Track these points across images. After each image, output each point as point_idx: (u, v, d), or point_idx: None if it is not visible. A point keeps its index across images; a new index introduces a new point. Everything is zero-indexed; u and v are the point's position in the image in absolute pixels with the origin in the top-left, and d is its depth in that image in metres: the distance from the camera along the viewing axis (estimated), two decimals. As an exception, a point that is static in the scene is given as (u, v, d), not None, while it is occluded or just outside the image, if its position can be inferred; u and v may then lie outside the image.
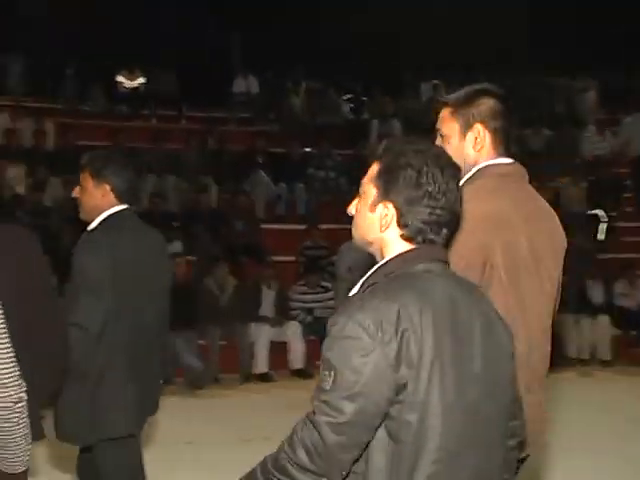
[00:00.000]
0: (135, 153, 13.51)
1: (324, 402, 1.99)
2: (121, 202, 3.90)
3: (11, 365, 2.62)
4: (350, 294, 2.15)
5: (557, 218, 2.81)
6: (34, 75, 14.90)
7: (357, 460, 2.02)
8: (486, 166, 2.71)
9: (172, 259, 4.19)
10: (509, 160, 2.77)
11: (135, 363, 3.75)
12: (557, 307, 2.87)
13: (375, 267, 2.16)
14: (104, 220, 3.84)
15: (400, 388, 1.98)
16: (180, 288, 9.19)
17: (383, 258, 2.17)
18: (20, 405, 2.64)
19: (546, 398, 2.84)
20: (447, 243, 2.20)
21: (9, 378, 2.60)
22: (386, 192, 2.14)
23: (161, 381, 4.17)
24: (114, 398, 3.68)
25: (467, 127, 2.74)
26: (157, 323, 3.94)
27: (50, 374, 2.90)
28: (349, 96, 16.34)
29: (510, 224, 2.62)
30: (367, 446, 2.01)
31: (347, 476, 2.03)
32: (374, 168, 2.17)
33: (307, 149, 13.98)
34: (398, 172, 2.11)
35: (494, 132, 2.74)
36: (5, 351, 2.62)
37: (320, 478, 2.00)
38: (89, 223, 3.80)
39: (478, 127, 2.73)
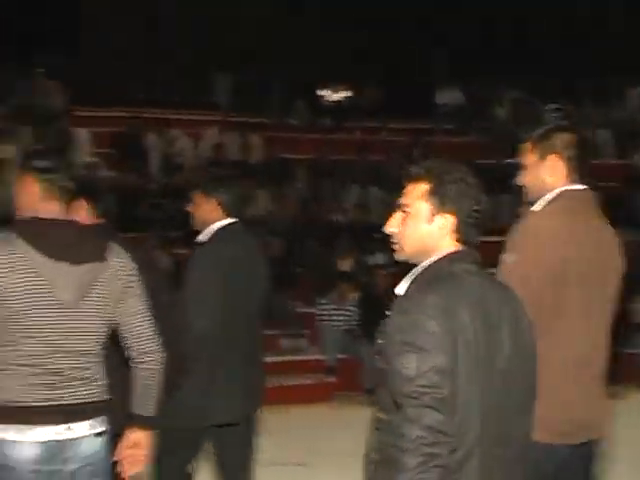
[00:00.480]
0: (339, 165, 13.68)
1: (420, 386, 2.26)
2: (229, 216, 4.22)
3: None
4: (397, 291, 2.50)
5: (618, 239, 3.32)
6: (241, 91, 15.40)
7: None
8: (560, 191, 3.21)
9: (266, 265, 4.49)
10: (581, 186, 3.25)
11: (243, 359, 4.16)
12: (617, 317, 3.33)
13: (425, 266, 2.50)
14: (215, 233, 4.19)
15: (456, 364, 2.32)
16: (380, 299, 9.14)
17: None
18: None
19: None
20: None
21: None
22: (442, 204, 2.49)
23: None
24: (224, 388, 4.08)
25: (543, 158, 3.26)
26: (258, 324, 4.36)
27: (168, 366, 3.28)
28: (554, 106, 15.83)
29: (579, 240, 3.12)
30: None
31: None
32: (419, 187, 2.50)
33: (512, 160, 13.62)
34: (451, 186, 2.48)
35: (568, 161, 3.23)
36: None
37: (445, 445, 2.24)
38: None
39: (553, 157, 3.24)
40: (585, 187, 3.26)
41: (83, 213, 3.69)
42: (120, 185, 11.55)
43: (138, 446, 3.18)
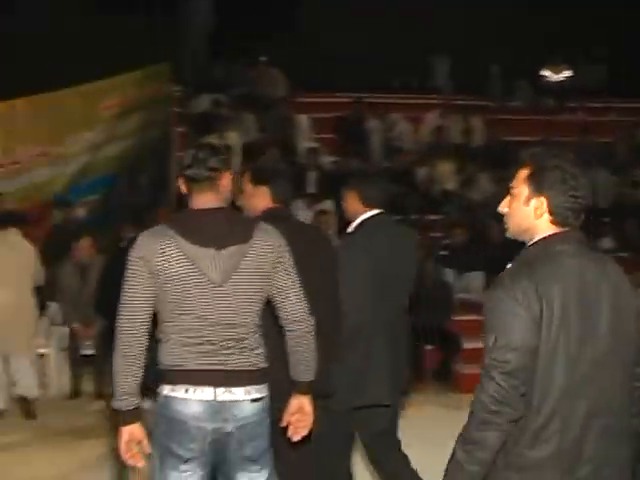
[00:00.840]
0: (562, 147, 13.22)
1: (493, 359, 2.57)
2: (373, 208, 4.50)
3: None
4: (507, 268, 2.70)
5: None
6: (461, 74, 15.20)
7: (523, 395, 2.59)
8: None
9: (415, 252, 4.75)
10: None
11: (392, 344, 4.40)
12: None
13: (526, 246, 2.73)
14: (360, 224, 4.51)
15: (538, 342, 2.56)
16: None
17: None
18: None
19: None
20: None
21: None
22: (538, 189, 2.69)
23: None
24: (378, 370, 4.36)
25: None
26: (405, 310, 4.59)
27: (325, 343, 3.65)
28: None
29: None
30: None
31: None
32: (523, 172, 2.72)
33: None
34: (548, 173, 2.68)
35: None
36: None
37: (505, 415, 2.55)
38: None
39: None
40: None
41: (264, 198, 4.13)
42: (342, 170, 11.69)
43: (302, 411, 3.48)
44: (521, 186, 2.73)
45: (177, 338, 3.25)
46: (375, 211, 4.50)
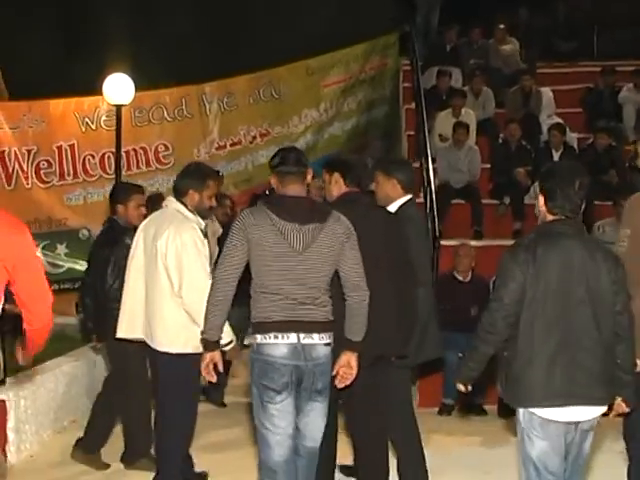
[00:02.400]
0: None
1: (494, 297, 3.83)
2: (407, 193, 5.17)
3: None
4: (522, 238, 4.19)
5: None
6: None
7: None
8: None
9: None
10: None
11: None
12: None
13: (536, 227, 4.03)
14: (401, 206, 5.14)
15: (527, 287, 3.74)
16: None
17: None
18: None
19: None
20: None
21: None
22: (541, 188, 3.94)
23: None
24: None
25: None
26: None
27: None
28: None
29: None
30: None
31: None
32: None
33: None
34: (548, 178, 3.92)
35: None
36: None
37: (495, 335, 3.81)
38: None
39: None
40: None
41: (338, 184, 4.86)
42: (591, 148, 10.38)
43: (349, 365, 4.27)
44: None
45: (265, 295, 4.13)
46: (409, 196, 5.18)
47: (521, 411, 3.80)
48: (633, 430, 4.49)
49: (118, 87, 9.17)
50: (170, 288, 4.94)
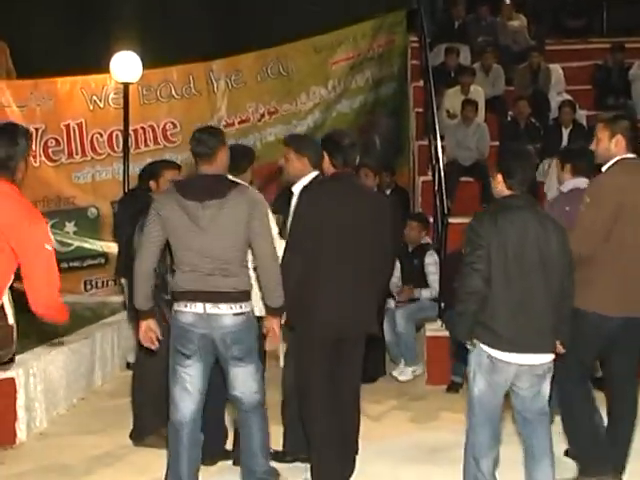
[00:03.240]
0: None
1: (467, 263, 4.30)
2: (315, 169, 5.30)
3: None
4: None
5: None
6: None
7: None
8: (620, 158, 4.82)
9: None
10: (633, 155, 4.86)
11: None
12: None
13: (494, 201, 4.57)
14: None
15: (491, 252, 4.27)
16: None
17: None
18: None
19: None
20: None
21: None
22: (497, 167, 4.52)
23: None
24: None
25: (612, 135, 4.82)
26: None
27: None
28: None
29: (630, 190, 4.77)
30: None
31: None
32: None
33: None
34: (508, 160, 4.52)
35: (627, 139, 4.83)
36: None
37: (473, 295, 4.28)
38: None
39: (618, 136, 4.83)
40: (635, 156, 4.87)
41: (326, 163, 5.02)
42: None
43: (272, 330, 4.61)
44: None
45: (180, 268, 4.51)
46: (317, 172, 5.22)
47: (475, 355, 4.33)
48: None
49: (125, 65, 9.16)
50: None
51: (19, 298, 5.22)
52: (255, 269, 4.63)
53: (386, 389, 7.45)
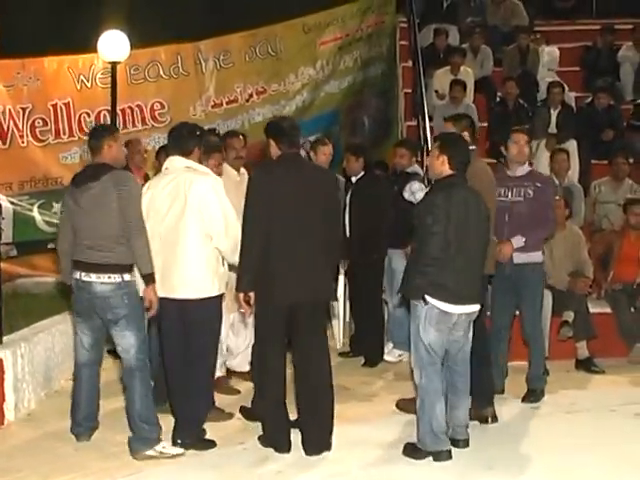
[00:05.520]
0: None
1: (429, 233, 5.03)
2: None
3: None
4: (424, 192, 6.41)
5: None
6: None
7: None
8: None
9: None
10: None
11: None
12: None
13: (437, 180, 5.30)
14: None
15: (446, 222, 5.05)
16: None
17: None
18: None
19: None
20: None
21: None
22: (441, 151, 5.24)
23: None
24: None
25: None
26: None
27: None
28: None
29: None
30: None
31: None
32: (435, 144, 5.46)
33: None
34: (451, 148, 5.25)
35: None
36: None
37: (437, 260, 5.02)
38: None
39: None
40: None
41: (273, 148, 5.32)
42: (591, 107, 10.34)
43: (148, 297, 5.24)
44: (435, 150, 5.39)
45: (75, 243, 5.30)
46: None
47: (425, 310, 5.05)
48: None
49: (113, 44, 9.09)
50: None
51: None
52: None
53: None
